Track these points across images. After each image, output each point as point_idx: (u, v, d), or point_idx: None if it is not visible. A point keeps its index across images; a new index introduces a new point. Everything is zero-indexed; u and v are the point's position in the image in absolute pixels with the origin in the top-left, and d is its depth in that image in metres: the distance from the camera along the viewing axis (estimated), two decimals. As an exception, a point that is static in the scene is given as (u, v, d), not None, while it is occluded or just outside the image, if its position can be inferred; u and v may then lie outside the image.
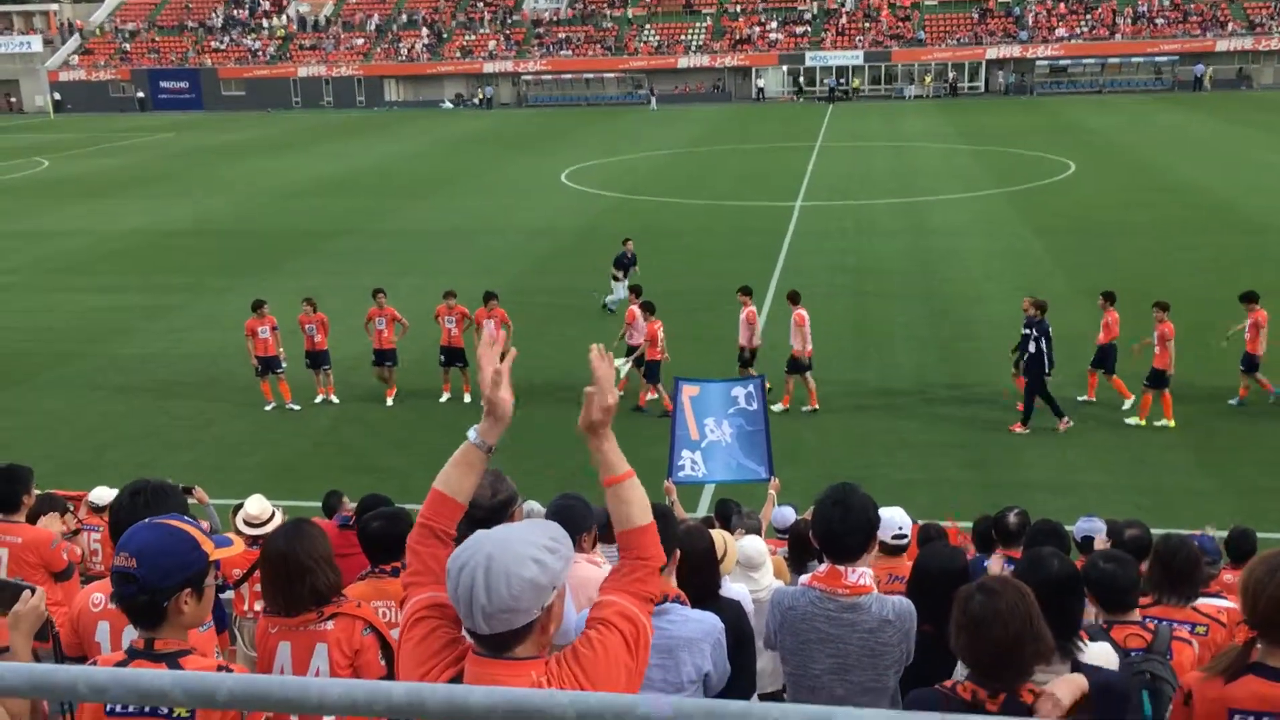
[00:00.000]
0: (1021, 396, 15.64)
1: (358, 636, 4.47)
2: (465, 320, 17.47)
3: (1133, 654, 4.60)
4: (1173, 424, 15.47)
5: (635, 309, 17.05)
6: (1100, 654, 4.17)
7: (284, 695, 2.06)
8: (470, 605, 2.61)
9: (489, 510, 4.01)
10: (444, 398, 17.61)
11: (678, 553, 4.35)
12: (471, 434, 3.10)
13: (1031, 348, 15.34)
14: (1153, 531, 7.55)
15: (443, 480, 3.10)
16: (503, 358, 3.11)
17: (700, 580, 4.71)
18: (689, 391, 9.98)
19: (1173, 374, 15.45)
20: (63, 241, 31.71)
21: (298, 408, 17.32)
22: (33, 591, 3.98)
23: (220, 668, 3.35)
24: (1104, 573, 4.86)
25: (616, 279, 21.82)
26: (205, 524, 8.81)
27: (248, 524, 7.97)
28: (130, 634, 3.55)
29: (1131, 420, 15.70)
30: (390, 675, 4.29)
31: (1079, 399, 16.32)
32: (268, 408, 17.30)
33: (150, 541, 3.28)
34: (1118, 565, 4.92)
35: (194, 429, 16.86)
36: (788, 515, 9.49)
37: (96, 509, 9.70)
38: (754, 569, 6.37)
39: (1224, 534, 9.24)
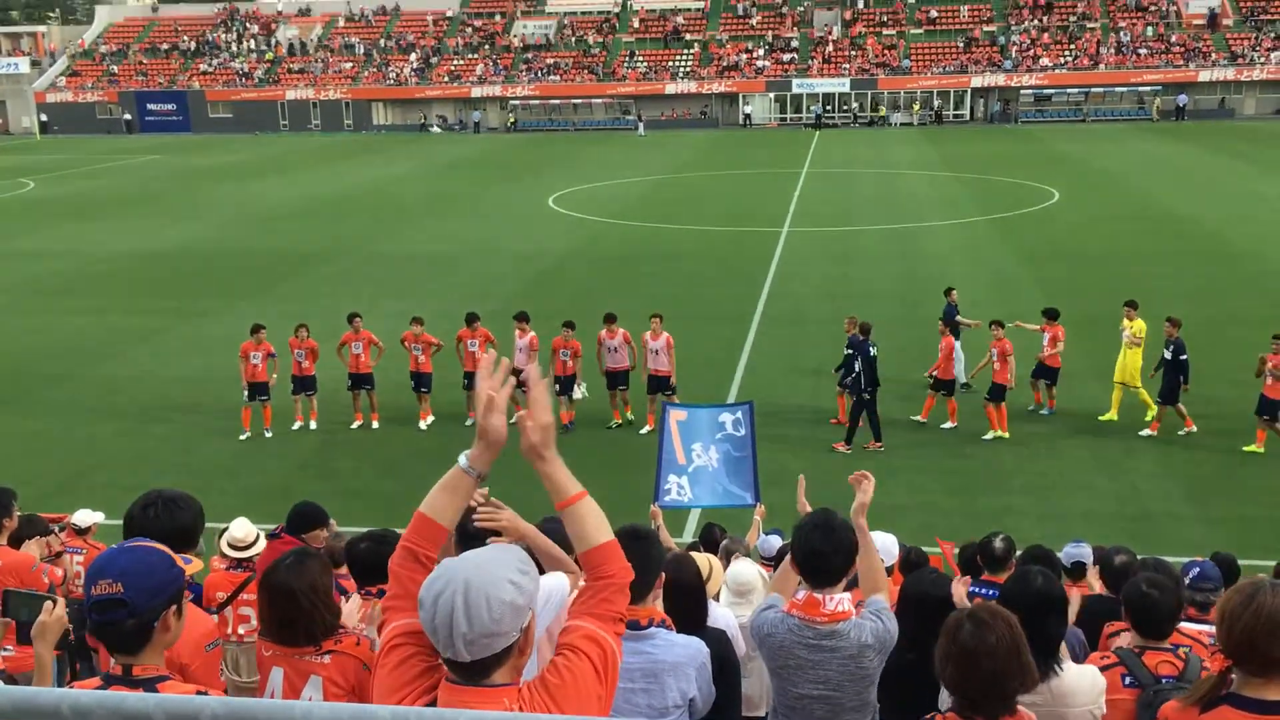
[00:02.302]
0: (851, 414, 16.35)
1: (353, 674, 4.43)
2: (432, 347, 17.50)
3: (1164, 680, 4.59)
4: (1006, 435, 16.26)
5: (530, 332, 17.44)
6: (1082, 675, 4.19)
7: (268, 718, 2.06)
8: (450, 633, 2.58)
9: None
10: (428, 422, 17.57)
11: (663, 576, 4.35)
12: (462, 459, 3.07)
13: (857, 366, 15.97)
14: (1138, 558, 7.58)
15: (428, 504, 3.07)
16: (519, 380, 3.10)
17: (687, 610, 4.70)
18: (676, 416, 10.00)
19: (1011, 388, 16.38)
20: (49, 263, 31.60)
21: (270, 434, 17.26)
22: (54, 602, 4.00)
23: (199, 693, 3.33)
24: (1146, 598, 4.82)
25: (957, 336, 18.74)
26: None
27: (232, 547, 7.94)
28: None
29: (988, 436, 16.37)
30: None
31: (913, 418, 17.01)
32: (242, 437, 17.19)
33: (132, 563, 3.27)
34: (1160, 593, 4.86)
35: (179, 451, 16.78)
36: (773, 543, 9.48)
37: (79, 531, 9.65)
38: (745, 595, 6.35)
39: (1213, 562, 9.26)
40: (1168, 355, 16.16)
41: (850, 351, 16.29)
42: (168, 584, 3.30)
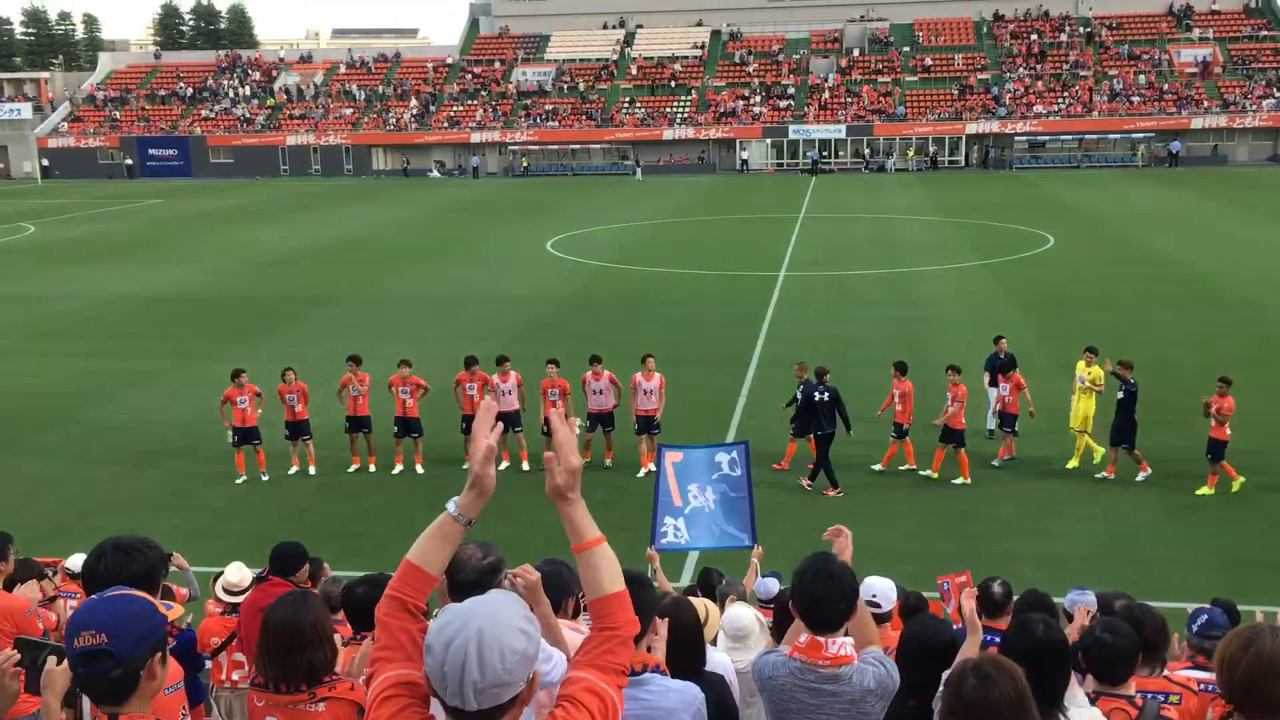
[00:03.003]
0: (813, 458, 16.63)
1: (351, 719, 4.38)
2: (420, 390, 17.52)
3: None
4: (969, 480, 16.34)
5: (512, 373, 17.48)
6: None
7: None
8: (461, 681, 2.54)
9: (479, 573, 3.96)
10: (397, 469, 17.49)
11: (656, 621, 4.33)
12: (451, 506, 3.04)
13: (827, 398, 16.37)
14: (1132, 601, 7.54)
15: (416, 552, 3.04)
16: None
17: (685, 654, 4.68)
18: (672, 458, 9.96)
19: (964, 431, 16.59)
20: (48, 306, 31.66)
21: (266, 477, 17.22)
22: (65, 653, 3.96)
23: None
24: (1099, 642, 4.80)
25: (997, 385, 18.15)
26: (185, 590, 8.73)
27: (227, 591, 7.88)
28: None
29: (925, 472, 16.64)
30: None
31: (872, 466, 17.02)
32: (239, 481, 17.13)
33: (115, 613, 3.25)
34: (1114, 636, 4.84)
35: (175, 495, 16.72)
36: (771, 586, 9.43)
37: (73, 575, 9.58)
38: (741, 639, 6.32)
39: (1220, 609, 9.21)
40: (1120, 396, 16.29)
41: (800, 397, 16.49)
42: (152, 631, 3.29)
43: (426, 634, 2.68)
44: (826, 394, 16.33)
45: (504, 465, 16.69)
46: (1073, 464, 16.88)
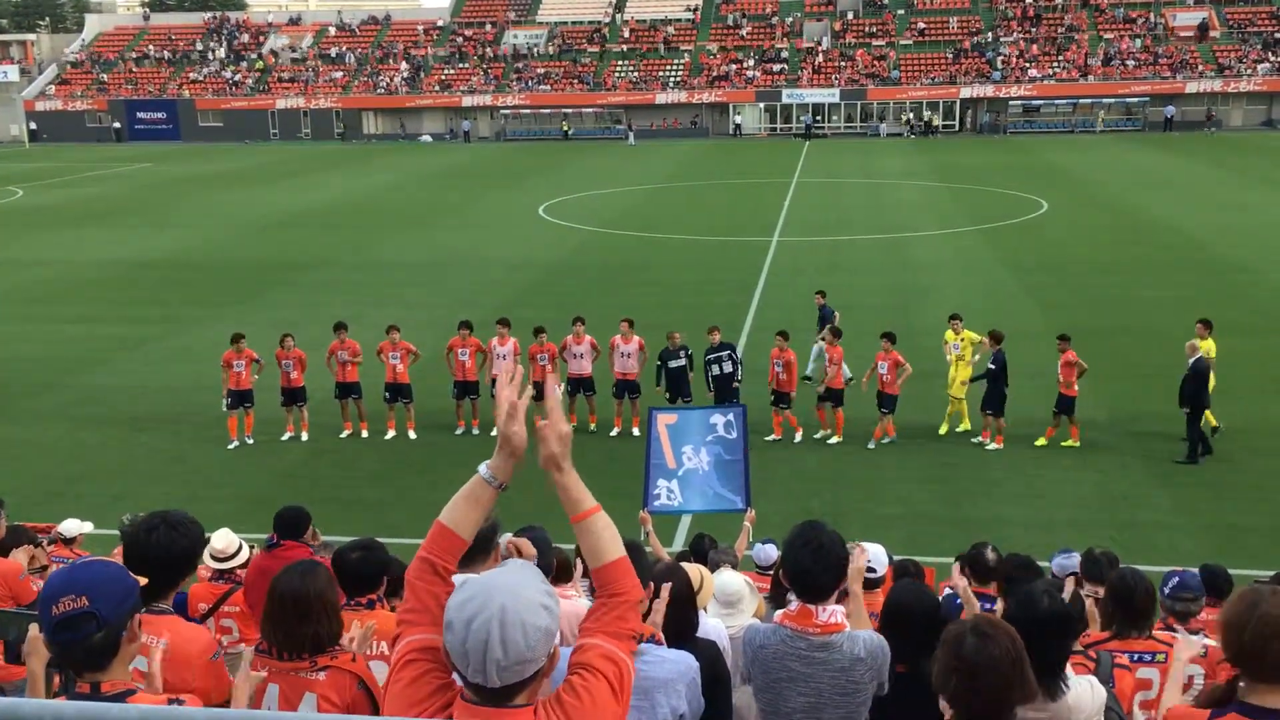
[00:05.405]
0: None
1: (350, 691, 4.38)
2: (411, 355, 17.48)
3: None
4: (840, 438, 16.77)
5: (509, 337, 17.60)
6: (1082, 686, 4.17)
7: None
8: (484, 659, 2.52)
9: (477, 535, 3.95)
10: (389, 435, 17.51)
11: (651, 587, 4.33)
12: (483, 469, 3.01)
13: (728, 368, 17.01)
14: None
15: (448, 514, 3.01)
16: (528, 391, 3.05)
17: (677, 620, 4.68)
18: (665, 420, 9.89)
19: (849, 381, 16.96)
20: (38, 271, 31.48)
21: (251, 441, 17.22)
22: None
23: (171, 701, 3.32)
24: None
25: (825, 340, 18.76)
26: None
27: (214, 558, 7.86)
28: None
29: (819, 435, 17.01)
30: None
31: (767, 438, 16.84)
32: (231, 446, 17.12)
33: (94, 575, 3.25)
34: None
35: (166, 461, 16.70)
36: (770, 553, 9.43)
37: (65, 541, 9.59)
38: (732, 605, 6.32)
39: (1194, 570, 9.27)
40: (992, 367, 16.44)
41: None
42: (130, 592, 3.30)
43: (446, 609, 2.65)
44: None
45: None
46: (943, 429, 17.05)
